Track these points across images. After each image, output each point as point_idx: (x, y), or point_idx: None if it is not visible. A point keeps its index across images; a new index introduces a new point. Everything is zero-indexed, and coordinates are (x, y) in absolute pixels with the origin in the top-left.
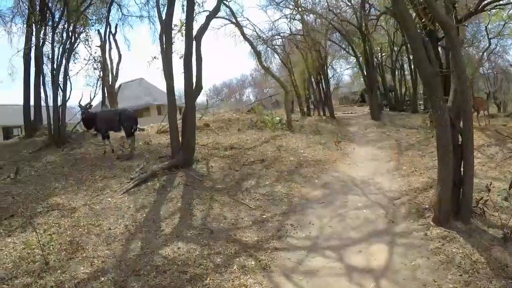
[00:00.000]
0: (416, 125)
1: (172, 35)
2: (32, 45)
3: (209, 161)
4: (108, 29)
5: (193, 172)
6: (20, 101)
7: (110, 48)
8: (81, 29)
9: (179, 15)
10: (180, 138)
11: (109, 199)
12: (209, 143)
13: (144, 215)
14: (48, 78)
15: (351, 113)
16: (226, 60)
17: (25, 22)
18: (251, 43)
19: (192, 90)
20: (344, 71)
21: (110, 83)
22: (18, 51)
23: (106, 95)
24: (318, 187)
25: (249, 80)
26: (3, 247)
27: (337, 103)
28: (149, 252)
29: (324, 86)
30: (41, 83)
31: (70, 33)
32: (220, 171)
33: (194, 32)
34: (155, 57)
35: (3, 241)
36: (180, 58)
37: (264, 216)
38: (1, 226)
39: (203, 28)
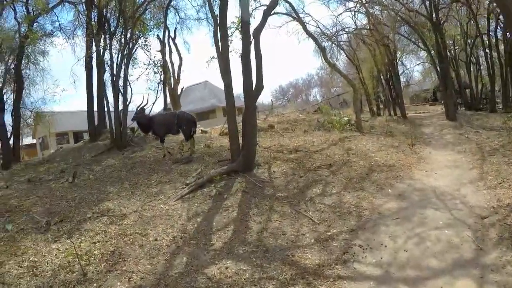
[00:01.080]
0: (497, 126)
1: (229, 33)
2: (92, 53)
3: (272, 165)
4: (167, 34)
5: (253, 177)
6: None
7: (171, 52)
8: (139, 34)
9: (234, 12)
10: (241, 141)
11: (162, 205)
12: (273, 145)
13: (196, 225)
14: (110, 84)
15: (423, 112)
16: (291, 60)
17: (84, 33)
18: (314, 39)
19: (252, 89)
20: (414, 67)
21: (172, 86)
22: (78, 60)
23: (166, 98)
24: (392, 198)
25: (315, 80)
26: (46, 253)
27: (408, 101)
28: (194, 271)
29: (394, 83)
30: (103, 89)
31: (127, 40)
32: (282, 177)
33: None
34: (213, 57)
35: (48, 247)
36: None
37: (329, 233)
38: (50, 231)
39: (261, 24)
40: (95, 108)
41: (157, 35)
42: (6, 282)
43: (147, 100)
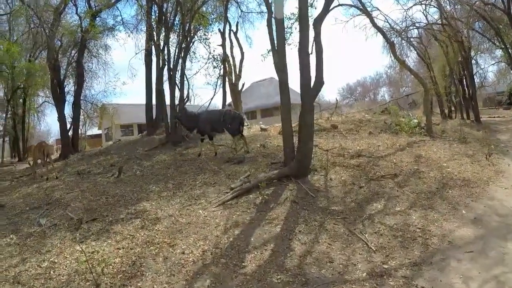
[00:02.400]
0: None
1: (288, 25)
2: (151, 47)
3: (329, 171)
4: (228, 28)
5: (307, 185)
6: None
7: (232, 46)
8: (198, 28)
9: (294, 2)
10: (297, 143)
11: (201, 211)
12: (334, 148)
13: (231, 239)
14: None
15: (498, 117)
16: (359, 57)
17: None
18: (383, 33)
19: (310, 86)
20: (488, 68)
21: (233, 82)
22: (136, 54)
23: (225, 94)
24: (466, 223)
25: (384, 79)
26: (68, 255)
27: (481, 104)
28: None
29: (468, 83)
30: (161, 83)
31: (185, 33)
32: (340, 186)
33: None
34: (270, 50)
35: (72, 248)
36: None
37: (386, 266)
38: (80, 230)
39: (323, 13)
40: (154, 102)
41: (219, 29)
42: (21, 282)
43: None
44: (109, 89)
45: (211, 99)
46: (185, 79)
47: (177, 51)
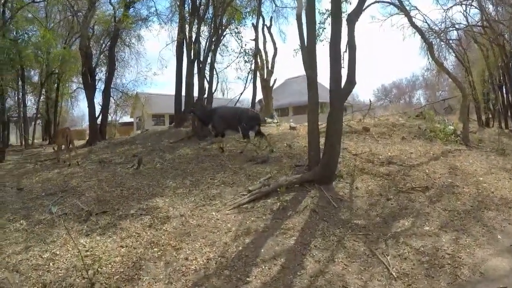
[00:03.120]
0: None
1: (321, 20)
2: (183, 38)
3: (356, 179)
4: (261, 22)
5: (330, 192)
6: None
7: (265, 41)
8: (230, 21)
9: None
10: (323, 145)
11: (214, 213)
12: (364, 152)
13: (240, 247)
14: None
15: None
16: (396, 58)
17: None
18: (421, 32)
19: (340, 86)
20: None
21: (264, 77)
22: (167, 45)
23: (255, 89)
24: (502, 250)
25: (420, 81)
26: (71, 247)
27: None
28: None
29: (508, 90)
30: (191, 75)
31: (217, 25)
32: (366, 197)
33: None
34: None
35: (76, 240)
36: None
37: None
38: (88, 222)
39: (358, 8)
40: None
41: (252, 24)
42: (20, 271)
43: (244, 89)
44: (140, 78)
45: (241, 94)
46: (214, 72)
47: (207, 43)
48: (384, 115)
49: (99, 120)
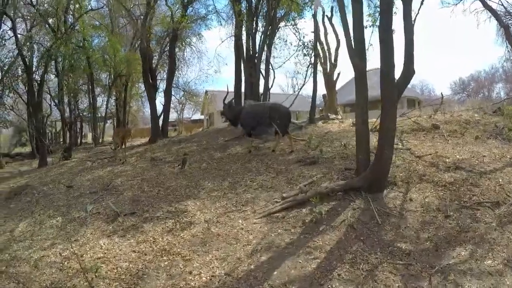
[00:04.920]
0: None
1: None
2: (241, 34)
3: (412, 188)
4: (321, 13)
5: (378, 203)
6: None
7: (326, 33)
8: (287, 13)
9: None
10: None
11: (240, 220)
12: (429, 154)
13: (252, 266)
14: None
15: None
16: (474, 49)
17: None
18: (495, 14)
19: (393, 75)
20: None
21: (328, 71)
22: (222, 41)
23: (316, 84)
24: None
25: (500, 73)
26: (89, 248)
27: None
28: None
29: None
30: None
31: (271, 18)
32: (420, 212)
33: None
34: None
35: (97, 241)
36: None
37: None
38: (114, 223)
39: None
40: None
41: (312, 15)
42: (38, 267)
43: (304, 83)
44: (201, 77)
45: (300, 89)
46: (270, 66)
47: (262, 38)
48: (457, 111)
49: (162, 119)
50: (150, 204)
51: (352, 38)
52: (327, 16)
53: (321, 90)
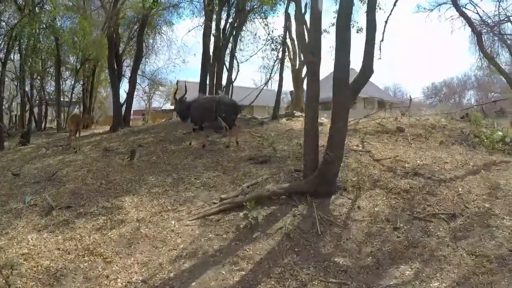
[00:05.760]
0: None
1: None
2: (210, 24)
3: (363, 194)
4: (294, 8)
5: (322, 210)
6: None
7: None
8: (258, 6)
9: None
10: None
11: (173, 221)
12: (388, 158)
13: (172, 274)
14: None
15: None
16: (449, 56)
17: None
18: (468, 20)
19: (347, 74)
20: None
21: (297, 68)
22: (189, 31)
23: (281, 80)
24: None
25: (472, 81)
26: (16, 243)
27: None
28: None
29: None
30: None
31: (239, 9)
32: (367, 222)
33: None
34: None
35: (24, 236)
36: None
37: None
38: (47, 217)
39: None
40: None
41: (285, 11)
42: None
43: (269, 79)
44: (169, 66)
45: (265, 84)
46: (234, 59)
47: (229, 29)
48: (424, 115)
49: (125, 108)
50: (88, 198)
51: (307, 33)
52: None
53: (290, 86)
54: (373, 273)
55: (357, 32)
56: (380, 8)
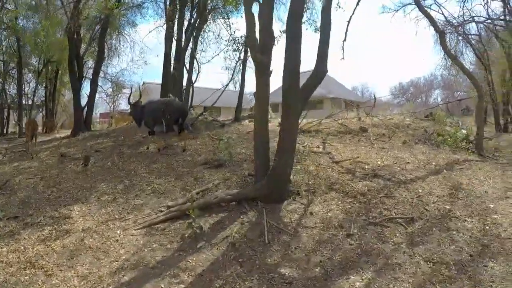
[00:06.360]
0: None
1: None
2: (173, 24)
3: (317, 199)
4: (258, 8)
5: (273, 217)
6: None
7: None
8: (215, 6)
9: None
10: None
11: (119, 231)
12: (348, 159)
13: (112, 286)
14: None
15: None
16: (416, 56)
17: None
18: (430, 19)
19: (297, 74)
20: None
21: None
22: (150, 32)
23: (244, 81)
24: None
25: (438, 81)
26: None
27: None
28: None
29: None
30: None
31: (201, 9)
32: (318, 228)
33: None
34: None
35: None
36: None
37: None
38: None
39: None
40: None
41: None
42: None
43: (230, 80)
44: (131, 67)
45: (226, 85)
46: (195, 60)
47: (190, 29)
48: (388, 115)
49: (86, 111)
50: (37, 208)
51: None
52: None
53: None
54: (321, 285)
55: (315, 31)
56: (339, 7)
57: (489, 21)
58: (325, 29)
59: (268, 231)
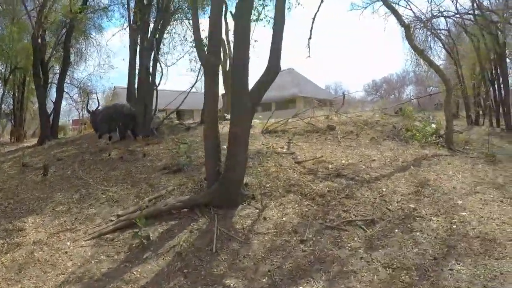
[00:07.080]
0: None
1: None
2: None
3: (272, 202)
4: (225, 9)
5: (226, 223)
6: None
7: (228, 30)
8: (179, 6)
9: None
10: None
11: (69, 242)
12: (312, 159)
13: None
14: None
15: None
16: (389, 53)
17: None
18: (395, 12)
19: (245, 71)
20: None
21: (226, 69)
22: (113, 35)
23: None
24: None
25: (411, 77)
26: None
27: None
28: None
29: (501, 84)
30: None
31: (163, 9)
32: (271, 234)
33: None
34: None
35: None
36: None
37: None
38: None
39: None
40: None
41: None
42: None
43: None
44: (99, 72)
45: (191, 87)
46: (157, 62)
47: (152, 30)
48: (359, 112)
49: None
50: None
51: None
52: (230, 12)
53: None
54: None
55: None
56: (298, 4)
57: (457, 15)
58: (278, 25)
59: (217, 239)
